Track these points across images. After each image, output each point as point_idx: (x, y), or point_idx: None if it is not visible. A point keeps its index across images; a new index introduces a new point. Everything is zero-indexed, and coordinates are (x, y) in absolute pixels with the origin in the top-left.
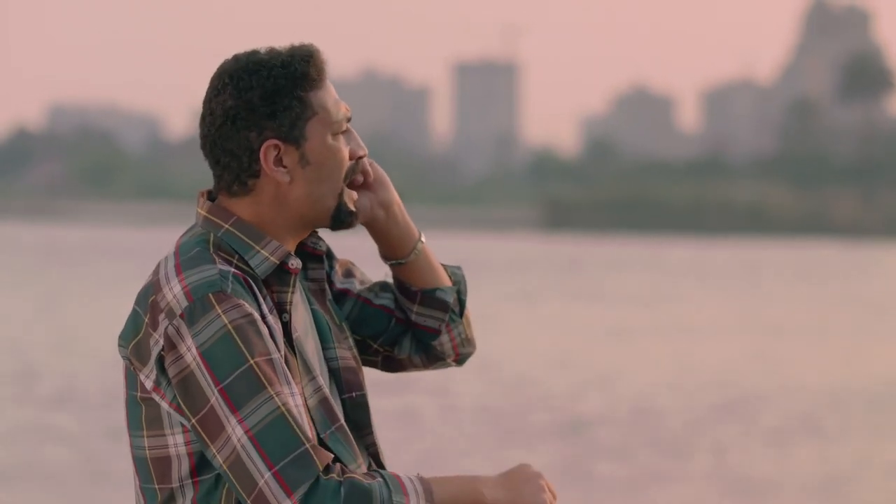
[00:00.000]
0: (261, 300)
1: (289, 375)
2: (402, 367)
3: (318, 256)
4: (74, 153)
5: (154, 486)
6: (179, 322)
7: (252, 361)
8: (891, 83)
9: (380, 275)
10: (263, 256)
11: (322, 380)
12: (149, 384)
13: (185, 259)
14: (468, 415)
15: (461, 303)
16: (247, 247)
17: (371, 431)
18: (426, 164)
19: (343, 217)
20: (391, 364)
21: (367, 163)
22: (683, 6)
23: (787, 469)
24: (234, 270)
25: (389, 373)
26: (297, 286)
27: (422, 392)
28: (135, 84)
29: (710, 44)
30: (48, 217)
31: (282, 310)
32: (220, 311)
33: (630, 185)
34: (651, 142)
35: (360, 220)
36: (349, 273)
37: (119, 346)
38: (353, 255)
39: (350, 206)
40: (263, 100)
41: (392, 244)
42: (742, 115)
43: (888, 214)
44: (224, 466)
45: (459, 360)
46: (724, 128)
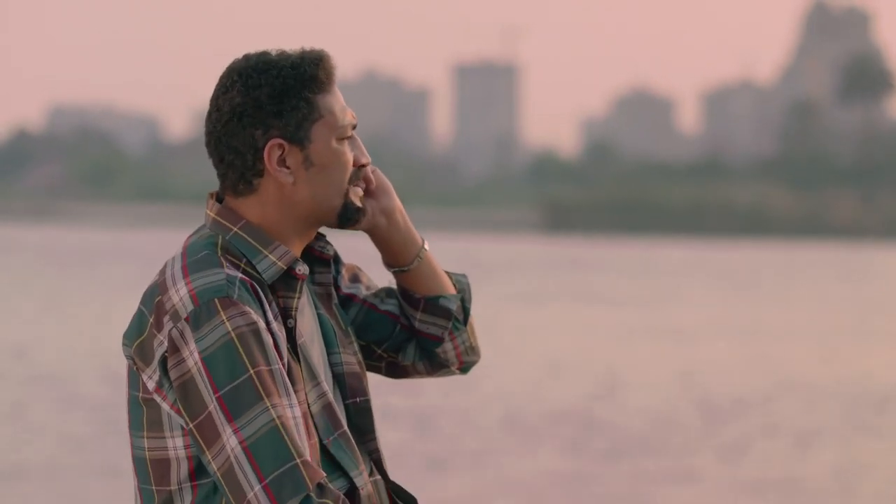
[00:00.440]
0: (266, 306)
1: (289, 387)
2: (406, 374)
3: (326, 260)
4: (74, 154)
5: (152, 488)
6: (184, 325)
7: (252, 371)
8: (891, 85)
9: (385, 280)
10: (271, 261)
11: (326, 385)
12: (151, 385)
13: (193, 261)
14: (471, 416)
15: (465, 311)
16: (255, 251)
17: (374, 437)
18: (426, 166)
19: (350, 214)
20: (395, 370)
21: (370, 170)
22: (683, 7)
23: (796, 470)
24: (241, 276)
25: (394, 379)
26: (304, 291)
27: (423, 393)
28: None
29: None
30: (48, 218)
31: (287, 315)
32: (225, 318)
33: (630, 187)
34: (651, 143)
35: (363, 227)
36: (355, 278)
37: (123, 346)
38: (359, 259)
39: (357, 203)
40: (271, 98)
41: (394, 251)
42: (742, 117)
43: (888, 216)
44: (217, 474)
45: (463, 369)
46: (724, 129)
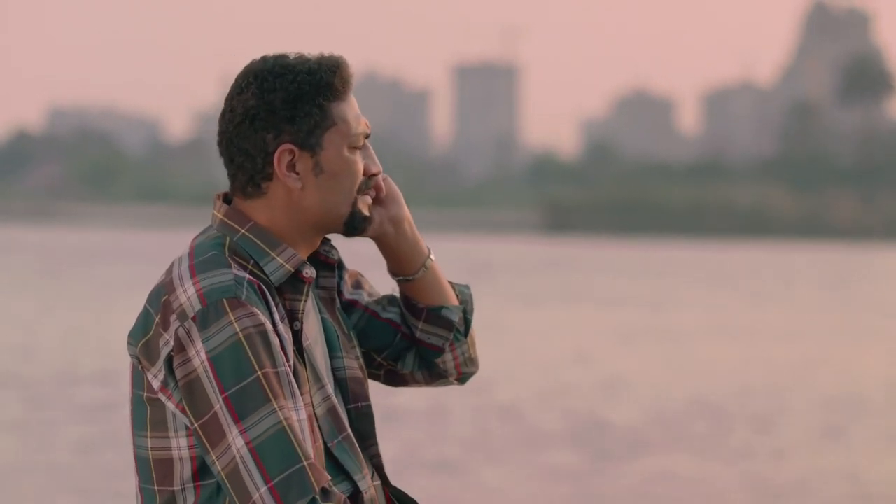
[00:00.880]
0: (273, 308)
1: (295, 389)
2: (405, 383)
3: (331, 265)
4: (74, 155)
5: (154, 488)
6: (191, 325)
7: (259, 373)
8: (891, 85)
9: (387, 287)
10: (278, 264)
11: (330, 389)
12: (156, 384)
13: (200, 261)
14: (475, 417)
15: (467, 322)
16: (262, 253)
17: (375, 443)
18: (426, 167)
19: (357, 223)
20: (394, 378)
21: (381, 178)
22: (683, 8)
23: (803, 471)
24: (249, 277)
25: (392, 387)
26: (310, 294)
27: (424, 394)
28: (134, 86)
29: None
30: (48, 219)
31: (293, 318)
32: (233, 318)
33: (630, 188)
34: (651, 144)
35: (371, 235)
36: (358, 284)
37: (128, 344)
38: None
39: (364, 212)
40: (285, 103)
41: (400, 260)
42: (742, 118)
43: (888, 216)
44: (222, 474)
45: (461, 379)
46: (724, 130)
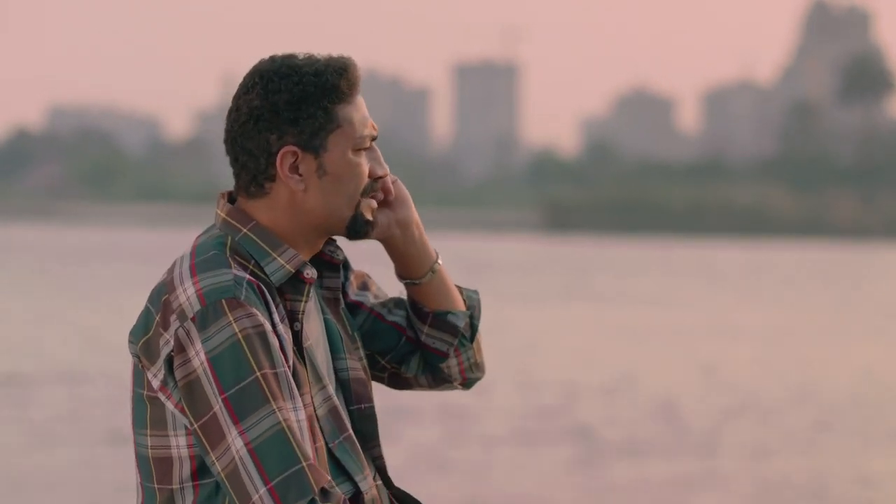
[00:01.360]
0: (273, 308)
1: (294, 391)
2: (409, 386)
3: (335, 265)
4: (74, 155)
5: (154, 486)
6: (190, 325)
7: (258, 374)
8: (891, 85)
9: (395, 290)
10: (279, 264)
11: (332, 389)
12: (156, 383)
13: (201, 261)
14: (478, 417)
15: (473, 327)
16: (263, 253)
17: (378, 444)
18: (426, 166)
19: (359, 227)
20: (397, 381)
21: (391, 180)
22: (683, 7)
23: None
24: (249, 277)
25: (396, 389)
26: (312, 294)
27: (426, 394)
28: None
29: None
30: (48, 218)
31: (294, 318)
32: (232, 319)
33: (630, 187)
34: (651, 143)
35: (378, 237)
36: (364, 286)
37: (129, 343)
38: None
39: (367, 216)
40: (289, 105)
41: (407, 264)
42: (742, 117)
43: (888, 216)
44: (222, 475)
45: (466, 384)
46: (725, 129)
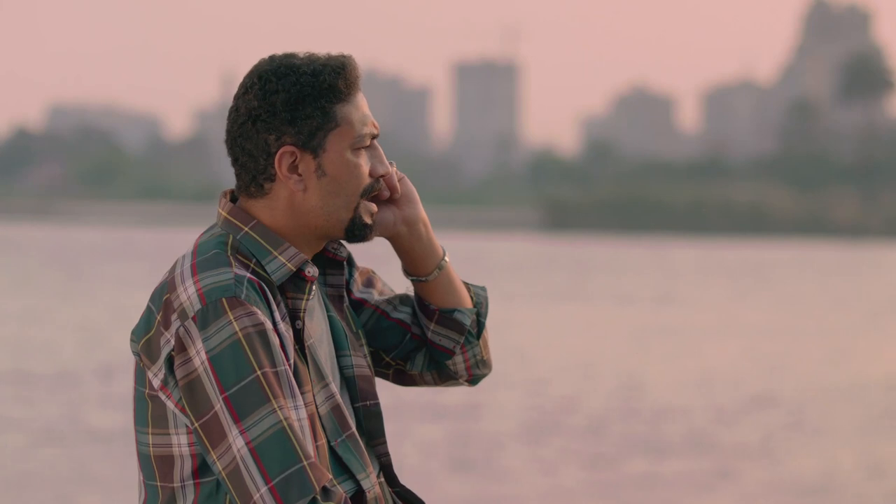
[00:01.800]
0: (274, 307)
1: (295, 389)
2: (414, 382)
3: (339, 262)
4: (74, 154)
5: (156, 484)
6: (191, 324)
7: (259, 372)
8: (891, 83)
9: (402, 285)
10: (280, 262)
11: (335, 387)
12: (156, 382)
13: (202, 260)
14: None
15: (480, 325)
16: (265, 251)
17: (384, 441)
18: (426, 165)
19: (357, 230)
20: (402, 378)
21: (397, 178)
22: (683, 7)
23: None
24: (250, 276)
25: (401, 386)
26: (315, 292)
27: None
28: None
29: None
30: (48, 218)
31: (295, 317)
32: (232, 318)
33: (630, 186)
34: (651, 142)
35: (384, 235)
36: (370, 282)
37: (131, 342)
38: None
39: (366, 219)
40: (286, 105)
41: (414, 261)
42: (742, 116)
43: (888, 215)
44: (223, 474)
45: (472, 381)
46: (725, 128)
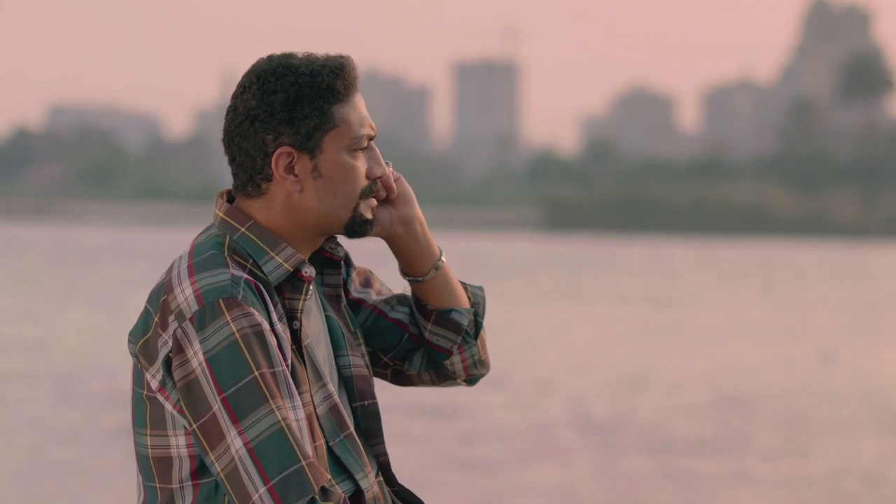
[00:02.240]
0: (271, 307)
1: (293, 389)
2: (412, 382)
3: (336, 262)
4: (74, 153)
5: (155, 485)
6: (188, 326)
7: (256, 373)
8: (891, 83)
9: (400, 285)
10: (277, 263)
11: (332, 387)
12: (154, 384)
13: (199, 261)
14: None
15: (477, 325)
16: (261, 252)
17: (382, 441)
18: (426, 165)
19: (357, 227)
20: (400, 378)
21: (393, 178)
22: (683, 7)
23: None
24: (247, 276)
25: (399, 386)
26: (312, 292)
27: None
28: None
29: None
30: (49, 217)
31: (292, 317)
32: (230, 319)
33: (630, 186)
34: (651, 142)
35: (380, 235)
36: (367, 282)
37: (129, 343)
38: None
39: (366, 215)
40: (284, 105)
41: (411, 261)
42: (742, 116)
43: (888, 215)
44: (221, 475)
45: (470, 381)
46: (725, 128)
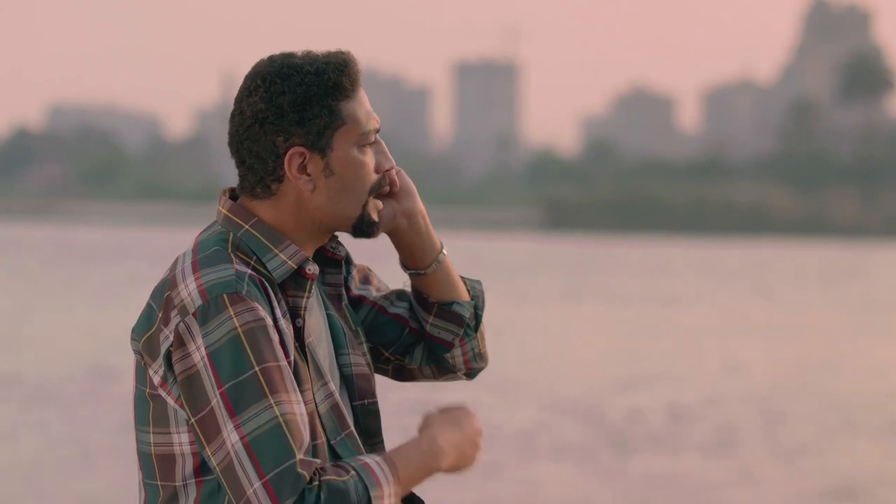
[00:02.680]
0: (275, 304)
1: (294, 384)
2: (413, 377)
3: (337, 261)
4: (74, 153)
5: (157, 483)
6: (191, 320)
7: (257, 368)
8: (891, 83)
9: (397, 282)
10: (281, 260)
11: (333, 385)
12: (156, 379)
13: (203, 257)
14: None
15: (477, 318)
16: (265, 249)
17: (381, 440)
18: (426, 165)
19: (364, 227)
20: (401, 373)
21: (395, 172)
22: (683, 7)
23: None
24: (251, 272)
25: (400, 381)
26: (314, 290)
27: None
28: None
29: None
30: (49, 217)
31: (296, 314)
32: (233, 313)
33: (630, 186)
34: (651, 142)
35: (384, 230)
36: (366, 280)
37: (131, 340)
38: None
39: (373, 217)
40: (293, 106)
41: (413, 254)
42: (742, 116)
43: (888, 214)
44: (217, 469)
45: (470, 374)
46: (725, 128)
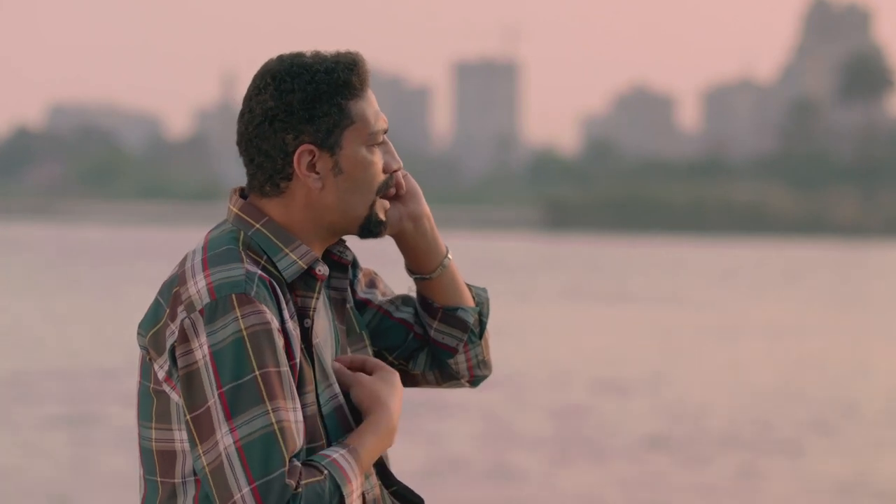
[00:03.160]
0: (283, 304)
1: (293, 391)
2: (416, 383)
3: (343, 266)
4: (75, 153)
5: (157, 479)
6: (197, 317)
7: (258, 372)
8: (891, 83)
9: (402, 288)
10: (292, 260)
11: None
12: (161, 374)
13: (214, 255)
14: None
15: (482, 324)
16: (276, 248)
17: None
18: (426, 165)
19: (372, 227)
20: (404, 379)
21: (401, 174)
22: (683, 7)
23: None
24: (261, 273)
25: (403, 387)
26: (322, 292)
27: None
28: (135, 84)
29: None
30: (49, 217)
31: (304, 315)
32: (240, 315)
33: (630, 185)
34: (651, 142)
35: (390, 233)
36: (372, 283)
37: (138, 335)
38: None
39: (381, 216)
40: (303, 104)
41: (419, 258)
42: (742, 116)
43: (888, 214)
44: (206, 469)
45: (473, 382)
46: (725, 128)
